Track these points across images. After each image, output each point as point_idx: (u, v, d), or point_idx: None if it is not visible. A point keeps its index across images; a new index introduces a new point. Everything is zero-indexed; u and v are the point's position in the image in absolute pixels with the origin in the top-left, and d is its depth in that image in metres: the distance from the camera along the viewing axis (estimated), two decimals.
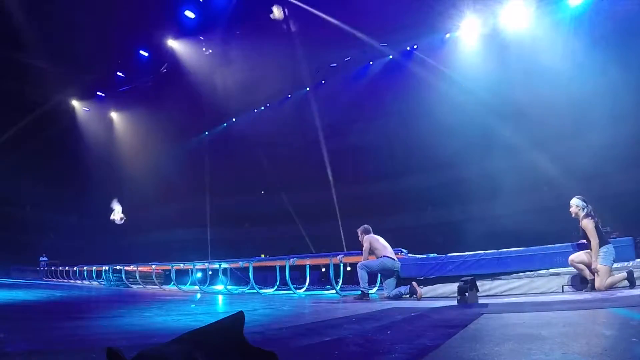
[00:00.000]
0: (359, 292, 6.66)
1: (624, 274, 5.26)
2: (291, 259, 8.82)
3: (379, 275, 7.47)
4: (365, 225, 7.34)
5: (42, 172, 20.27)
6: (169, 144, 19.79)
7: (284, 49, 14.08)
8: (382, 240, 7.12)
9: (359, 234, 7.28)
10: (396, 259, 6.91)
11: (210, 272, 11.58)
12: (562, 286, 5.75)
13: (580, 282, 5.68)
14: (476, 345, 2.16)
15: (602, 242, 5.39)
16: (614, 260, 5.37)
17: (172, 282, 11.66)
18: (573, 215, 5.74)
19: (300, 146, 16.31)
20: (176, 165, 18.94)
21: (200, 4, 15.18)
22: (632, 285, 5.16)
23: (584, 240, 5.60)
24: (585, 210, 5.61)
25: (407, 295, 6.43)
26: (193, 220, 17.68)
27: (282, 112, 17.05)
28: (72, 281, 16.90)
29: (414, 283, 6.43)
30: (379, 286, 8.07)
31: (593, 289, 5.40)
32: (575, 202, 5.73)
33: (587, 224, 5.47)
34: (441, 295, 6.47)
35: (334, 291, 8.01)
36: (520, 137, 10.96)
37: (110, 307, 6.32)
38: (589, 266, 5.47)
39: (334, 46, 13.85)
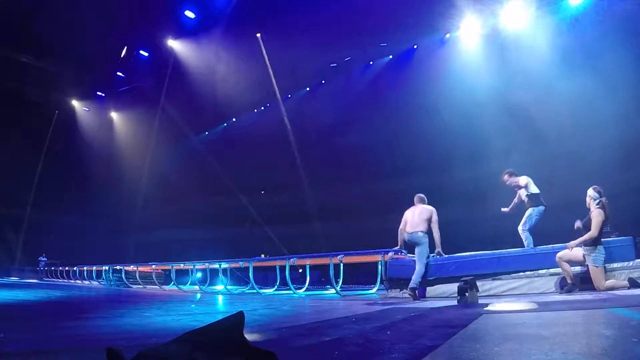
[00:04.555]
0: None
1: (625, 282, 5.26)
2: (291, 259, 8.81)
3: (379, 275, 7.49)
4: (420, 195, 7.04)
5: (42, 172, 20.27)
6: (169, 143, 19.77)
7: (284, 48, 14.07)
8: (409, 215, 6.83)
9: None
10: (412, 232, 6.64)
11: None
12: (562, 286, 5.75)
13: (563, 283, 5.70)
14: (476, 345, 2.16)
15: (596, 241, 5.40)
16: (605, 261, 5.38)
17: (172, 282, 11.65)
18: (587, 205, 5.77)
19: (300, 146, 16.29)
20: (176, 165, 18.92)
21: (201, 3, 15.17)
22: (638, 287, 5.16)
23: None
24: (597, 202, 5.64)
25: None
26: (193, 220, 17.66)
27: (282, 112, 17.04)
28: (72, 281, 16.89)
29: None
30: (379, 286, 8.06)
31: (570, 291, 5.43)
32: (590, 193, 5.79)
33: (597, 215, 5.49)
34: (441, 295, 6.47)
35: (334, 291, 8.01)
36: (520, 137, 10.94)
37: (110, 307, 6.31)
38: (580, 263, 5.50)
39: (334, 46, 13.82)
